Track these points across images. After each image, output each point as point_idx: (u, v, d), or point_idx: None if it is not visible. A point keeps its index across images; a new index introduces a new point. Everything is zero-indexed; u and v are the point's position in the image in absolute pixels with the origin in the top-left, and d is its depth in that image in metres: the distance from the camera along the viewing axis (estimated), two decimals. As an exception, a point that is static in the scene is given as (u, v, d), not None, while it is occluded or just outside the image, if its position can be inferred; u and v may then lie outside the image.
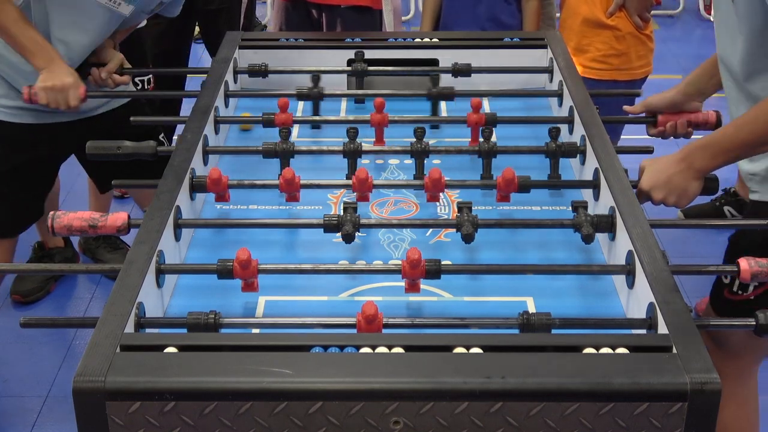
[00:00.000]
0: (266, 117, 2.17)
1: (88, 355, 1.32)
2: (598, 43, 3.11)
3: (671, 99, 2.13)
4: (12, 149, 2.58)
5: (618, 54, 3.11)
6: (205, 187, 1.86)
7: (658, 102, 2.16)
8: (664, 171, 1.86)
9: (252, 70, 2.48)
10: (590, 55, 3.11)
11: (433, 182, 1.84)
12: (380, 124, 2.14)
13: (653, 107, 2.19)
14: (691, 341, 1.36)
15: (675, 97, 2.13)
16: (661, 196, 1.87)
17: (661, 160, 1.90)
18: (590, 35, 3.12)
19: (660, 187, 1.86)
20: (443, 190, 1.87)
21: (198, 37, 5.07)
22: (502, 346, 1.36)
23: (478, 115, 2.16)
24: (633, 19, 3.08)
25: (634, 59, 3.13)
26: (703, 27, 6.48)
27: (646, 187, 1.88)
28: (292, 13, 3.29)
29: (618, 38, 3.10)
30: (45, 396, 2.90)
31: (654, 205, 1.94)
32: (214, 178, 1.83)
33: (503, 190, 1.87)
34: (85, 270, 2.29)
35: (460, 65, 2.45)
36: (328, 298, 1.69)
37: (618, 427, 1.28)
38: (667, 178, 1.86)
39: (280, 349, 1.34)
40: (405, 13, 6.26)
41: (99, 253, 3.57)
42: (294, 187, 1.85)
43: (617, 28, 3.09)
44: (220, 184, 1.85)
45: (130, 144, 2.03)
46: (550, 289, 1.71)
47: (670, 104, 2.13)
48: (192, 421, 1.28)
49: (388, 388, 1.28)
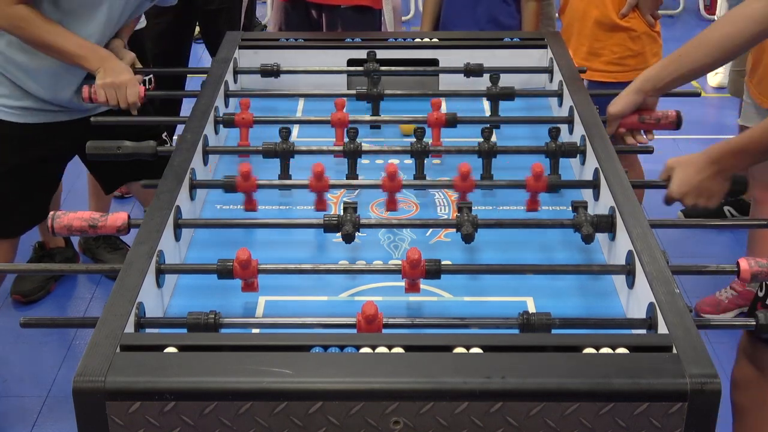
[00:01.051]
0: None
1: (88, 355, 1.32)
2: (613, 45, 3.09)
3: (630, 100, 2.11)
4: (15, 149, 2.58)
5: (634, 54, 3.10)
6: (235, 187, 1.85)
7: (620, 108, 2.13)
8: (695, 176, 1.88)
9: (264, 70, 2.48)
10: (605, 58, 3.09)
11: (462, 177, 1.83)
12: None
13: (619, 116, 2.16)
14: (691, 341, 1.36)
15: (632, 97, 2.11)
16: (693, 201, 1.90)
17: (690, 163, 1.90)
18: (603, 38, 3.09)
19: (691, 193, 1.90)
20: (472, 189, 1.86)
21: (198, 37, 5.07)
22: (502, 346, 1.36)
23: (438, 114, 2.16)
24: (646, 18, 3.07)
25: (649, 58, 3.12)
26: (703, 27, 6.40)
27: (678, 194, 1.90)
28: (292, 13, 3.29)
29: (633, 39, 3.09)
30: (45, 396, 2.90)
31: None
32: (244, 172, 1.83)
33: (533, 189, 1.86)
34: (85, 270, 2.29)
35: (473, 65, 2.44)
36: (328, 298, 1.69)
37: (618, 427, 1.28)
38: (698, 183, 1.89)
39: (280, 349, 1.34)
40: (405, 13, 6.25)
41: (99, 253, 3.57)
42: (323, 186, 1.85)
43: (632, 29, 3.07)
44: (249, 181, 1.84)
45: (130, 144, 2.03)
46: (550, 289, 1.71)
47: (633, 106, 2.12)
48: (192, 421, 1.28)
49: (388, 388, 1.28)
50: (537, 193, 1.86)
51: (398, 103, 2.38)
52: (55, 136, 2.59)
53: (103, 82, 2.35)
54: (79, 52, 2.37)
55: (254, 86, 2.56)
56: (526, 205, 1.89)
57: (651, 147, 2.21)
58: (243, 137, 2.17)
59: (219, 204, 2.01)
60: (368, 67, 2.44)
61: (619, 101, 2.12)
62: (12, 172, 2.60)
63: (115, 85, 2.35)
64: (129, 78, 2.38)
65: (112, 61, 2.40)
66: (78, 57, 2.37)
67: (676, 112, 2.18)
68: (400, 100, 2.40)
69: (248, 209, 1.88)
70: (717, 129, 4.81)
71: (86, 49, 2.38)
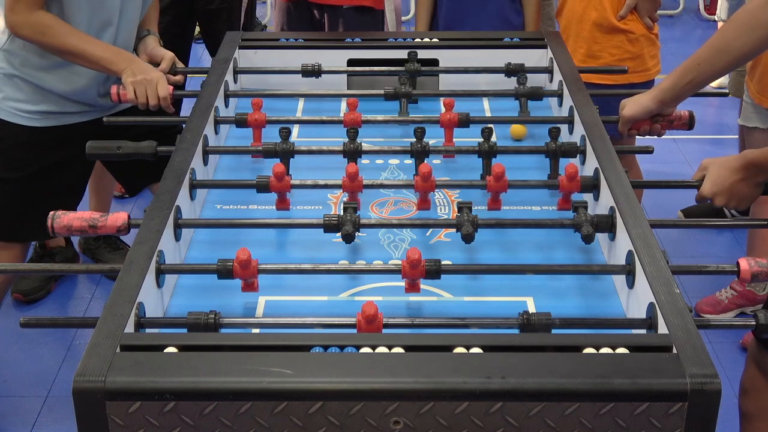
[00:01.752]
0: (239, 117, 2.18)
1: (88, 355, 1.32)
2: (611, 48, 3.09)
3: (647, 109, 2.12)
4: (34, 154, 2.55)
5: (633, 57, 3.09)
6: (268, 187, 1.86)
7: (636, 114, 2.15)
8: (727, 179, 1.91)
9: (305, 71, 2.47)
10: (604, 60, 3.08)
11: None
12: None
13: (633, 119, 2.17)
14: (691, 341, 1.36)
15: (650, 106, 2.12)
16: (724, 202, 1.93)
17: (723, 165, 1.93)
18: (602, 41, 3.09)
19: (722, 194, 1.92)
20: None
21: (198, 37, 5.06)
22: (502, 346, 1.36)
23: (451, 115, 2.16)
24: (644, 20, 3.07)
25: (648, 60, 3.11)
26: (703, 27, 6.49)
27: (710, 193, 1.93)
28: (294, 13, 3.28)
29: (631, 41, 3.08)
30: (45, 396, 2.90)
31: None
32: (277, 173, 1.84)
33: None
34: (85, 270, 2.29)
35: (514, 65, 2.47)
36: (328, 298, 1.69)
37: (618, 427, 1.28)
38: (730, 186, 1.91)
39: (280, 349, 1.34)
40: (405, 13, 6.25)
41: (99, 253, 3.57)
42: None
43: (631, 31, 3.07)
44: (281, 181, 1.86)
45: (130, 144, 2.03)
46: (550, 289, 1.71)
47: (647, 114, 2.14)
48: (192, 421, 1.28)
49: (388, 388, 1.28)
50: (570, 193, 1.88)
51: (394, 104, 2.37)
52: (73, 139, 2.55)
53: (134, 79, 2.35)
54: (105, 56, 2.37)
55: (254, 86, 2.57)
56: (558, 205, 1.90)
57: (651, 147, 2.21)
58: (256, 138, 2.17)
59: (219, 204, 2.01)
60: (409, 67, 2.45)
61: (634, 106, 2.13)
62: (32, 177, 2.57)
63: (146, 81, 2.35)
64: (158, 75, 2.38)
65: (138, 62, 2.41)
66: (104, 60, 2.37)
67: (689, 112, 2.19)
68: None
69: (281, 209, 1.89)
70: (717, 129, 4.82)
71: (111, 52, 2.38)
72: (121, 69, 2.37)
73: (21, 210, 2.60)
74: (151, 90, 2.36)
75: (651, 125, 2.16)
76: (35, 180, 2.57)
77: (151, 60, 2.54)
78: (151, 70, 2.39)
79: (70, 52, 2.36)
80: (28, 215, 2.57)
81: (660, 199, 3.81)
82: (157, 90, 2.36)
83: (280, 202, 1.89)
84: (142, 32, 2.60)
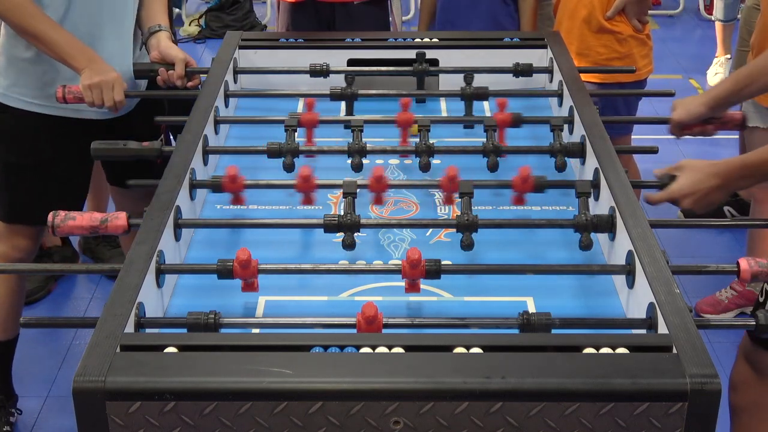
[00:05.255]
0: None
1: (88, 355, 1.32)
2: (599, 47, 3.09)
3: (697, 114, 2.13)
4: (45, 141, 2.52)
5: (621, 57, 3.09)
6: None
7: (686, 118, 2.15)
8: (700, 184, 1.90)
9: (313, 71, 2.46)
10: (592, 59, 3.09)
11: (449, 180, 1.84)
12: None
13: (683, 123, 2.18)
14: (691, 341, 1.36)
15: (701, 111, 2.12)
16: (690, 205, 1.91)
17: (700, 170, 1.91)
18: (590, 39, 3.09)
19: (690, 198, 1.90)
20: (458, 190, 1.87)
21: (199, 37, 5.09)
22: (502, 346, 1.36)
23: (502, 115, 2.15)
24: (632, 23, 3.07)
25: (638, 59, 3.11)
26: (703, 27, 6.49)
27: (678, 194, 1.91)
28: (299, 14, 3.27)
29: (620, 41, 3.08)
30: (45, 396, 2.90)
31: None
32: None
33: (519, 190, 1.87)
34: (85, 270, 2.29)
35: (522, 65, 2.47)
36: (328, 298, 1.69)
37: (618, 427, 1.28)
38: (701, 191, 1.90)
39: (280, 349, 1.34)
40: (405, 13, 6.26)
41: (99, 251, 3.56)
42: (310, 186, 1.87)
43: (619, 32, 3.07)
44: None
45: (134, 145, 2.03)
46: (550, 289, 1.71)
47: (697, 118, 2.14)
48: (192, 421, 1.28)
49: (388, 388, 1.28)
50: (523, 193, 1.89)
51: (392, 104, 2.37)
52: (76, 132, 2.52)
53: (90, 82, 2.30)
54: (68, 49, 2.32)
55: (254, 86, 2.57)
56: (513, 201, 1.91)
57: (656, 147, 2.22)
58: (308, 138, 2.14)
59: (219, 204, 2.01)
60: (416, 68, 2.45)
61: (684, 111, 2.13)
62: (43, 164, 2.53)
63: (101, 84, 2.30)
64: (114, 77, 2.32)
65: (99, 62, 2.34)
66: (65, 54, 2.32)
67: (742, 114, 2.21)
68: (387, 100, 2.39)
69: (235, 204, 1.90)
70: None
71: (75, 47, 2.33)
72: (81, 67, 2.32)
73: (38, 192, 2.57)
74: (107, 94, 2.32)
75: (703, 127, 2.17)
76: (45, 167, 2.54)
77: (163, 60, 2.46)
78: (109, 71, 2.33)
79: (33, 35, 2.32)
80: (33, 199, 2.56)
81: (660, 199, 3.80)
82: (113, 94, 2.32)
83: (236, 201, 1.90)
84: (153, 27, 2.51)
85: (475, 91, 2.33)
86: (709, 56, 5.48)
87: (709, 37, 5.80)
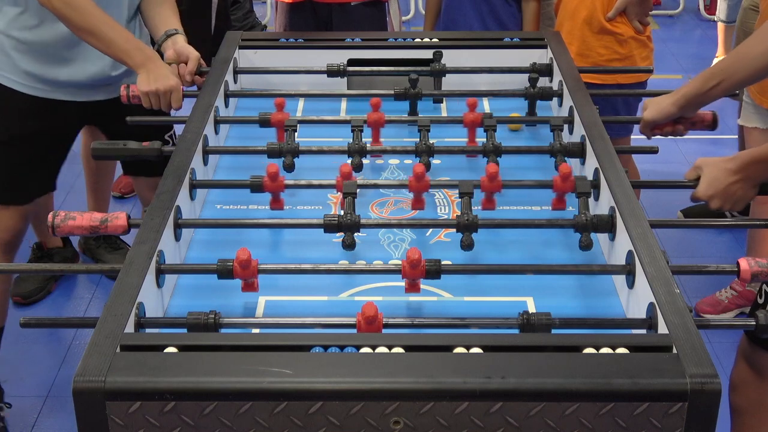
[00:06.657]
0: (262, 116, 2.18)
1: (88, 355, 1.32)
2: (600, 48, 3.09)
3: (668, 113, 2.12)
4: (20, 119, 2.56)
5: (621, 58, 3.09)
6: None
7: (657, 117, 2.14)
8: (722, 181, 1.90)
9: (331, 71, 2.46)
10: (593, 60, 3.08)
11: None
12: (376, 124, 2.13)
13: (654, 122, 2.17)
14: (691, 341, 1.36)
15: (671, 110, 2.11)
16: (719, 204, 1.92)
17: (717, 167, 1.91)
18: (591, 39, 3.09)
19: (718, 197, 1.91)
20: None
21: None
22: (502, 346, 1.36)
23: (474, 115, 2.15)
24: (633, 24, 3.07)
25: (638, 61, 3.10)
26: (703, 27, 6.49)
27: (705, 196, 1.92)
28: (297, 14, 3.27)
29: (620, 42, 3.08)
30: (45, 396, 2.90)
31: None
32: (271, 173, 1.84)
33: (559, 190, 1.87)
34: (85, 270, 2.28)
35: (539, 65, 2.47)
36: (328, 298, 1.69)
37: (618, 427, 1.28)
38: (725, 188, 1.90)
39: (280, 349, 1.34)
40: (405, 13, 6.26)
41: (99, 253, 3.57)
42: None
43: (620, 33, 3.07)
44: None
45: (134, 145, 2.03)
46: (550, 289, 1.71)
47: (667, 117, 2.13)
48: (192, 421, 1.28)
49: (388, 388, 1.28)
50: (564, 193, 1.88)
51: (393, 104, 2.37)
52: (57, 114, 2.57)
53: (149, 89, 2.31)
54: (125, 46, 2.33)
55: (254, 86, 2.57)
56: (552, 205, 1.90)
57: (656, 147, 2.21)
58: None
59: (219, 204, 2.01)
60: (434, 67, 2.45)
61: (655, 110, 2.12)
62: (17, 140, 2.57)
63: (160, 92, 2.31)
64: (173, 84, 2.33)
65: (156, 63, 2.35)
66: (123, 51, 2.33)
67: (712, 114, 2.19)
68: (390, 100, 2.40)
69: (274, 208, 1.90)
70: (717, 129, 4.81)
71: (132, 44, 2.35)
72: (137, 66, 2.34)
73: (22, 171, 2.62)
74: (164, 101, 2.33)
75: (674, 127, 2.16)
76: (20, 144, 2.59)
77: (178, 57, 2.46)
78: (167, 78, 2.33)
79: (93, 33, 2.33)
80: (10, 178, 2.62)
81: (660, 199, 3.81)
82: (170, 102, 2.34)
83: (274, 202, 1.89)
84: (170, 30, 2.53)
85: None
86: (709, 56, 5.48)
87: (709, 37, 5.81)
